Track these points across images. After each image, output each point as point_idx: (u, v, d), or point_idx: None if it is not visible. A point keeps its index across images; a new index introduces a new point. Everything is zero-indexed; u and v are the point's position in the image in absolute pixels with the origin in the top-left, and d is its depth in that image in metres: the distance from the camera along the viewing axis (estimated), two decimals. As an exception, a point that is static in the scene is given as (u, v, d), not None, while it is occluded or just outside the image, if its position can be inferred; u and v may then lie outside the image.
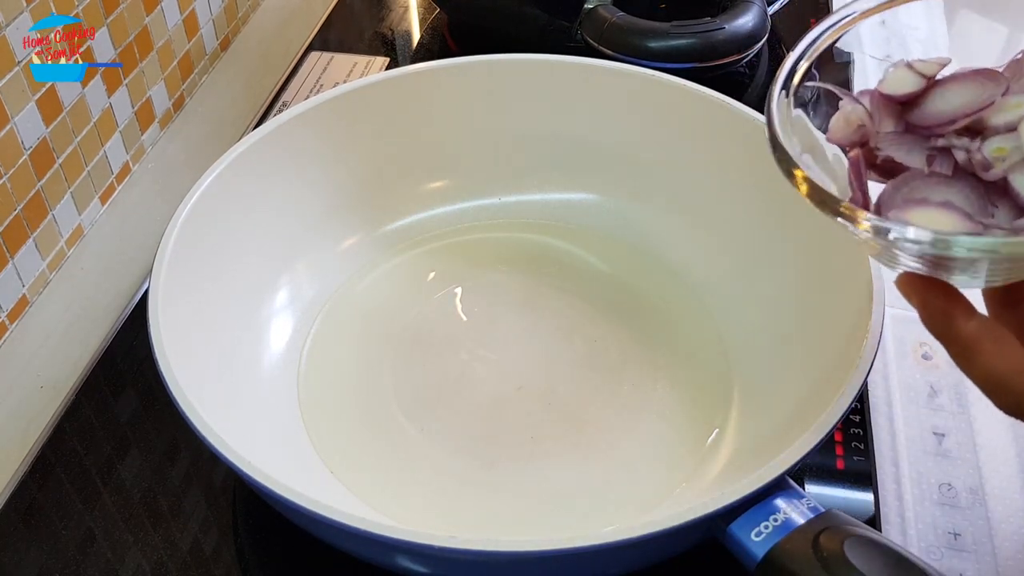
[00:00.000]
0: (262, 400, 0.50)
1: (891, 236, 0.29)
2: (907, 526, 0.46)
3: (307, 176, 0.57)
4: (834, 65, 0.65)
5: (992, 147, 0.32)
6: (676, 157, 0.58)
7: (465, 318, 0.56)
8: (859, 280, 0.45)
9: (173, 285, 0.46)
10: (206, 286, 0.49)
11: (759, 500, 0.37)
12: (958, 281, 0.33)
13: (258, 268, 0.54)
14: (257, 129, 0.54)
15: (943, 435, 0.50)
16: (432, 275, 0.59)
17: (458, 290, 0.57)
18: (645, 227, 0.59)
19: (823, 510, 0.37)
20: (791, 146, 0.34)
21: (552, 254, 0.60)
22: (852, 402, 0.40)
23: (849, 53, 0.77)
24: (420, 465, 0.48)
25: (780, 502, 0.37)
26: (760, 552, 0.36)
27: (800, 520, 0.37)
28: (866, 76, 0.74)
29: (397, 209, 0.61)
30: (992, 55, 0.39)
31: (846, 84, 0.73)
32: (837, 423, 0.39)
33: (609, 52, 0.69)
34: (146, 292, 0.45)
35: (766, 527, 0.37)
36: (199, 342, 0.47)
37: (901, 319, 0.56)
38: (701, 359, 0.53)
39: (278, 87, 0.75)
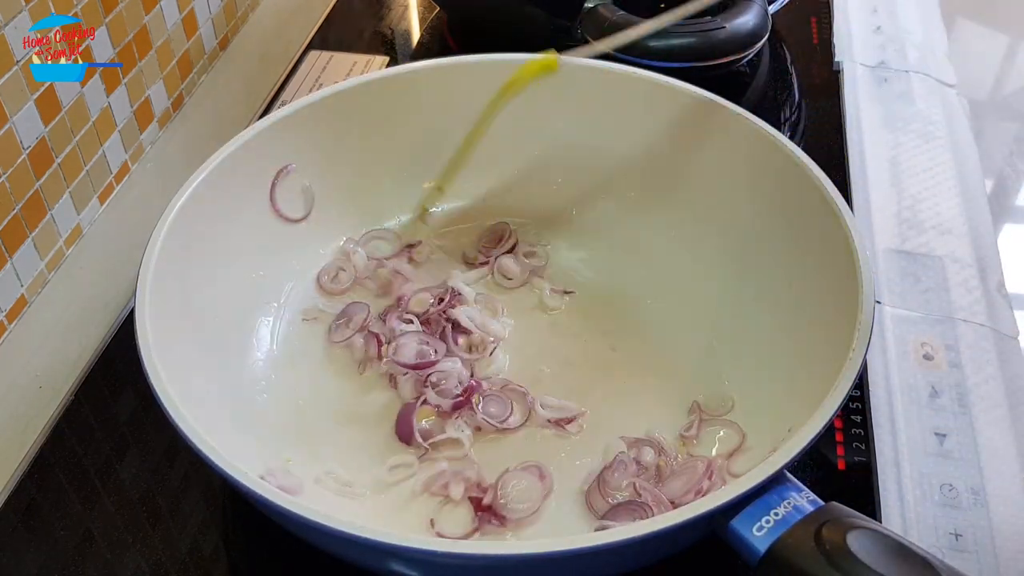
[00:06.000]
0: (253, 403, 0.50)
1: None
2: (908, 527, 0.46)
3: (298, 176, 0.57)
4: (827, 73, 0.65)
5: None
6: (672, 160, 0.58)
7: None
8: (849, 275, 0.45)
9: (161, 289, 0.45)
10: (195, 289, 0.49)
11: (759, 495, 0.37)
12: None
13: (248, 270, 0.54)
14: (247, 129, 0.54)
15: (944, 436, 0.50)
16: (423, 274, 0.58)
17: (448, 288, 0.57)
18: (638, 228, 0.59)
19: (823, 503, 0.37)
20: None
21: (545, 254, 0.60)
22: (846, 396, 0.40)
23: (839, 62, 0.77)
24: (415, 468, 0.48)
25: (781, 496, 0.37)
26: (763, 547, 0.36)
27: (801, 514, 0.37)
28: (855, 84, 0.74)
29: (390, 209, 0.61)
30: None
31: (836, 92, 0.74)
32: (832, 416, 0.39)
33: (609, 51, 0.69)
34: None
35: (767, 522, 0.37)
36: (188, 347, 0.47)
37: (902, 319, 0.56)
38: (697, 359, 0.53)
39: (277, 86, 0.75)
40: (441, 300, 0.55)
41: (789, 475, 0.38)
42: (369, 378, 0.53)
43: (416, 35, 0.83)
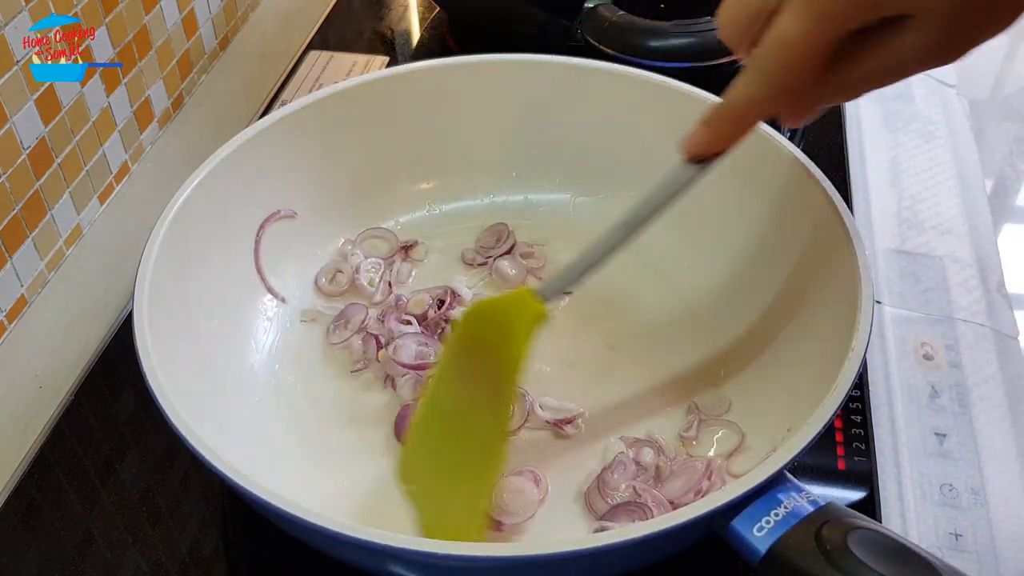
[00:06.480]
0: (252, 405, 0.50)
1: None
2: (908, 527, 0.46)
3: (295, 177, 0.57)
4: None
5: None
6: (671, 160, 0.58)
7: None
8: (849, 275, 0.45)
9: (159, 290, 0.45)
10: (194, 289, 0.49)
11: (760, 495, 0.37)
12: None
13: (245, 270, 0.54)
14: (248, 128, 0.54)
15: (944, 436, 0.50)
16: (421, 275, 0.59)
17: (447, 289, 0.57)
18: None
19: (823, 503, 0.37)
20: None
21: (543, 255, 0.60)
22: (846, 396, 0.40)
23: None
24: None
25: (781, 497, 0.37)
26: (763, 547, 0.36)
27: (802, 514, 0.37)
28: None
29: (387, 210, 0.61)
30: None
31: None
32: (832, 417, 0.39)
33: (609, 51, 0.69)
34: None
35: (768, 522, 0.37)
36: (187, 348, 0.47)
37: (902, 319, 0.56)
38: (696, 359, 0.53)
39: (277, 86, 0.75)
40: (441, 303, 0.55)
41: (789, 475, 0.38)
42: (368, 379, 0.53)
43: (416, 35, 0.83)
